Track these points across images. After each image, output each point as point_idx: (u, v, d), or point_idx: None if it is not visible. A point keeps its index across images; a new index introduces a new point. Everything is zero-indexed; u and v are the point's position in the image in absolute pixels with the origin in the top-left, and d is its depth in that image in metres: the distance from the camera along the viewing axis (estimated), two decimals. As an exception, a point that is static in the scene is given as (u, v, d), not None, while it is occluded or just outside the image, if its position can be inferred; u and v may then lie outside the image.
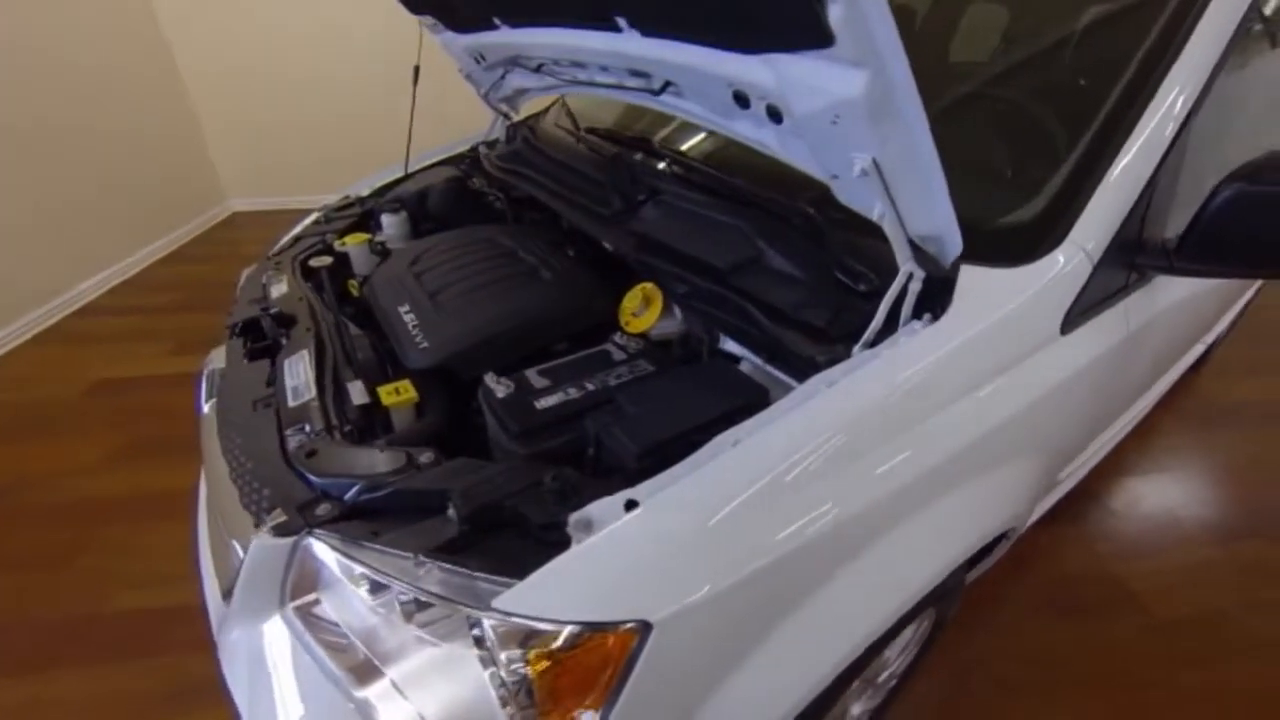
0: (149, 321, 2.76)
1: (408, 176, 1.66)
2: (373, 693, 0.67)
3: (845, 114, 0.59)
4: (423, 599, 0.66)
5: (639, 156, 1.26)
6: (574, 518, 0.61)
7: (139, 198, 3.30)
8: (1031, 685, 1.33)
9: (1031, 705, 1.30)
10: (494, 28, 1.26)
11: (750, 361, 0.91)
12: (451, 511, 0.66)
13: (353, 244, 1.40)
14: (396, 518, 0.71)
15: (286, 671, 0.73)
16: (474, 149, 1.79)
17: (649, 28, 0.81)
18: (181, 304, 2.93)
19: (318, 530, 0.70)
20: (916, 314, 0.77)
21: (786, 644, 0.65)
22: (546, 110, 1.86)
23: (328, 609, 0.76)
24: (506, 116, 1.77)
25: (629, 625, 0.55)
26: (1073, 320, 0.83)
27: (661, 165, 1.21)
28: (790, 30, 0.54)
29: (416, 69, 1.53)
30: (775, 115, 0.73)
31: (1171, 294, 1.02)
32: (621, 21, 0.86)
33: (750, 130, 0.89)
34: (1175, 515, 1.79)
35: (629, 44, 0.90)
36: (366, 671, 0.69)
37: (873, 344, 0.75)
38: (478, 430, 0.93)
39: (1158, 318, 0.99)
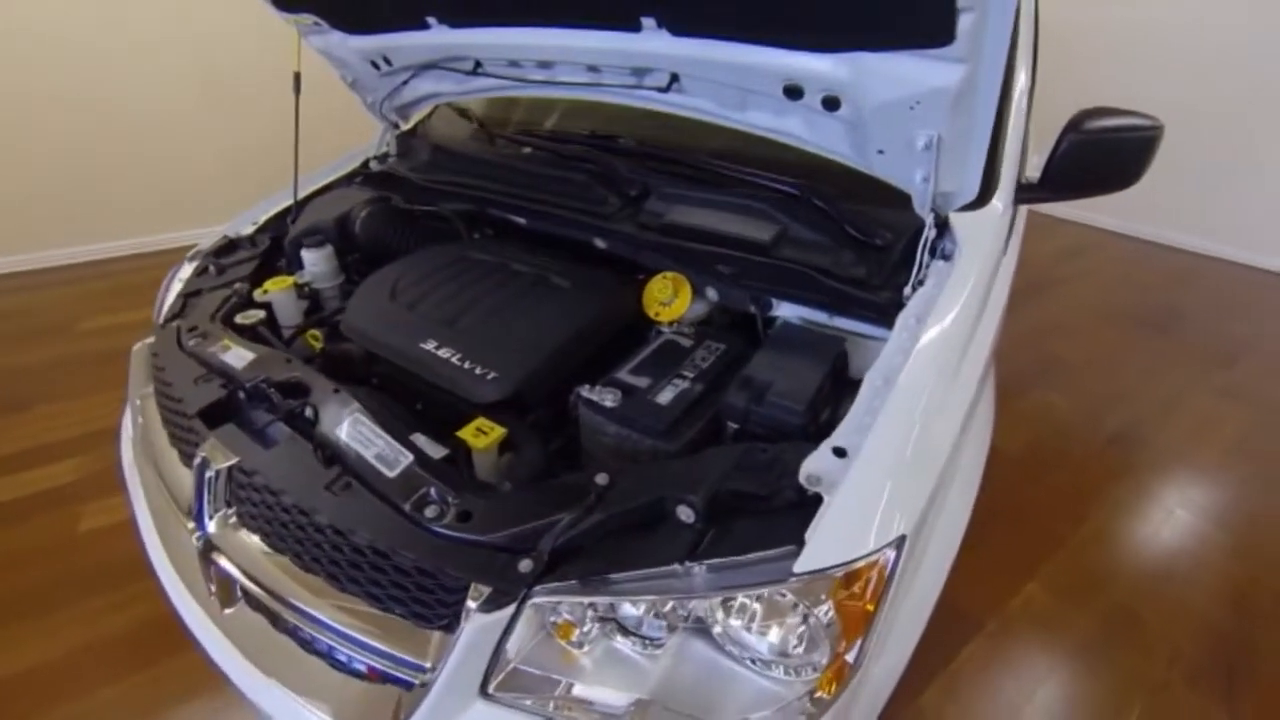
0: None
1: (301, 204, 1.40)
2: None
3: (928, 100, 0.74)
4: (681, 605, 0.66)
5: (605, 153, 1.28)
6: (804, 476, 0.67)
7: None
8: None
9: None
10: (423, 27, 1.15)
11: (805, 319, 1.03)
12: (686, 512, 0.67)
13: (277, 290, 1.17)
14: (595, 547, 0.69)
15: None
16: (365, 165, 1.58)
17: (693, 29, 0.86)
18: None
19: (541, 587, 0.64)
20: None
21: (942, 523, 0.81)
22: (429, 115, 1.72)
23: (528, 670, 0.70)
24: (395, 126, 1.60)
25: (891, 542, 0.65)
26: (1005, 244, 1.13)
27: (636, 159, 1.25)
28: (914, 34, 0.66)
29: (297, 75, 1.30)
30: (831, 104, 0.85)
31: (1021, 220, 1.42)
32: (648, 22, 0.89)
33: (767, 120, 1.00)
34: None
35: (648, 43, 0.93)
36: (624, 710, 0.67)
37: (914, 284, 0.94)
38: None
39: (1022, 236, 1.38)
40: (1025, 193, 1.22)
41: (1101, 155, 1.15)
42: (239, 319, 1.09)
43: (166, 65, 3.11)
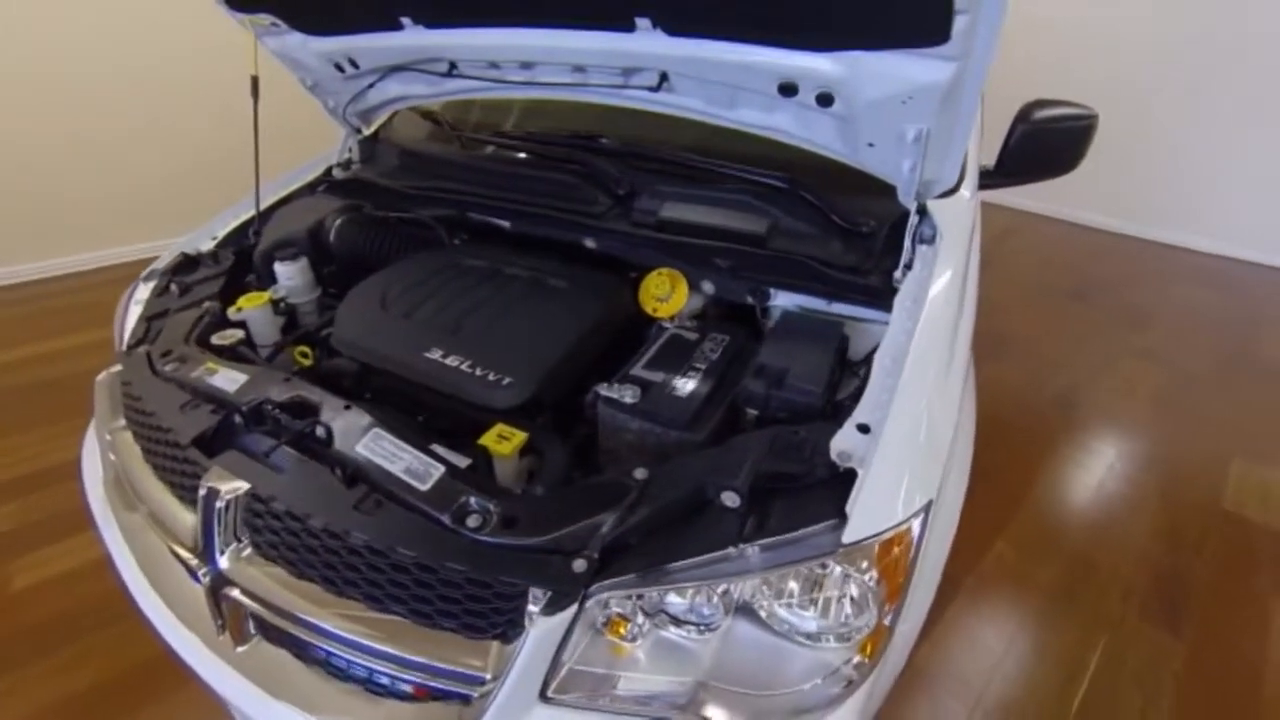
0: None
1: (265, 215, 1.32)
2: (712, 711, 0.67)
3: (920, 95, 0.78)
4: (728, 590, 0.68)
5: (587, 153, 1.28)
6: (835, 453, 0.71)
7: None
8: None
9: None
10: (396, 28, 1.12)
11: (803, 307, 1.07)
12: (731, 498, 0.69)
13: (252, 307, 1.11)
14: (641, 541, 0.70)
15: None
16: (327, 173, 1.51)
17: (690, 29, 0.87)
18: None
19: (600, 585, 0.64)
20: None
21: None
22: (391, 119, 1.66)
23: (585, 670, 0.70)
24: (358, 131, 1.54)
25: (918, 510, 0.69)
26: (973, 225, 1.21)
27: (619, 158, 1.25)
28: (913, 34, 0.70)
29: (255, 79, 1.22)
30: (825, 100, 0.88)
31: (978, 202, 1.53)
32: (643, 22, 0.90)
33: (756, 117, 1.03)
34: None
35: (641, 43, 0.94)
36: (682, 694, 0.68)
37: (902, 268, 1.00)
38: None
39: (980, 220, 1.49)
40: (984, 179, 1.32)
41: (1048, 143, 1.26)
42: (215, 339, 1.03)
43: (75, 88, 2.87)
